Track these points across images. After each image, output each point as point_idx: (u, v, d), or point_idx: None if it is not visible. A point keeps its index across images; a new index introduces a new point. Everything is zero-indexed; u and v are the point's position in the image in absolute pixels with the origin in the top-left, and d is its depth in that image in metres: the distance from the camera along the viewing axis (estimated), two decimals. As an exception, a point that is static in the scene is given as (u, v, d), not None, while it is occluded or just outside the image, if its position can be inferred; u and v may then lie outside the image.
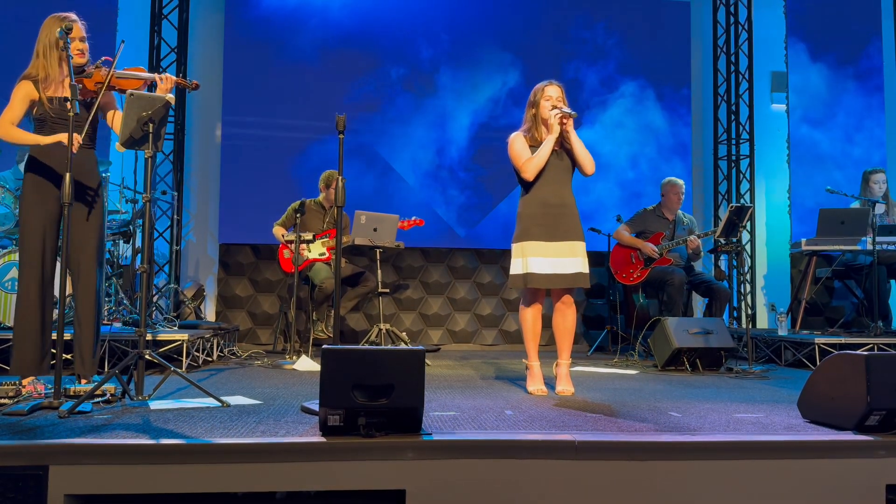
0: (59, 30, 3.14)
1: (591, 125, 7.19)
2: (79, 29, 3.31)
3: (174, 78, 3.37)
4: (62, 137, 3.12)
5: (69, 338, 3.44)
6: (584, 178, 3.75)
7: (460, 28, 7.19)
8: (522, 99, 3.82)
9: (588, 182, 6.88)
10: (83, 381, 3.25)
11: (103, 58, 3.38)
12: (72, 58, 3.07)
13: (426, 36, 7.11)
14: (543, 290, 3.65)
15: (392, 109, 7.05)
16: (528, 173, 3.61)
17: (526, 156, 3.63)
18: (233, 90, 6.86)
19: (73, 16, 3.29)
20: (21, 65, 3.31)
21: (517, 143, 3.68)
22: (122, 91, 3.33)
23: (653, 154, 7.28)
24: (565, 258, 3.53)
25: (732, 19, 7.31)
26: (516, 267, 3.61)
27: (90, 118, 3.30)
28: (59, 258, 3.33)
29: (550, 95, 3.63)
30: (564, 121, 3.56)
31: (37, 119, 3.30)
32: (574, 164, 3.67)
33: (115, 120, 3.42)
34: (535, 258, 3.53)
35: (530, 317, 3.66)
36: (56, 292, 3.40)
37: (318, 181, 5.87)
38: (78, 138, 3.18)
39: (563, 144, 3.65)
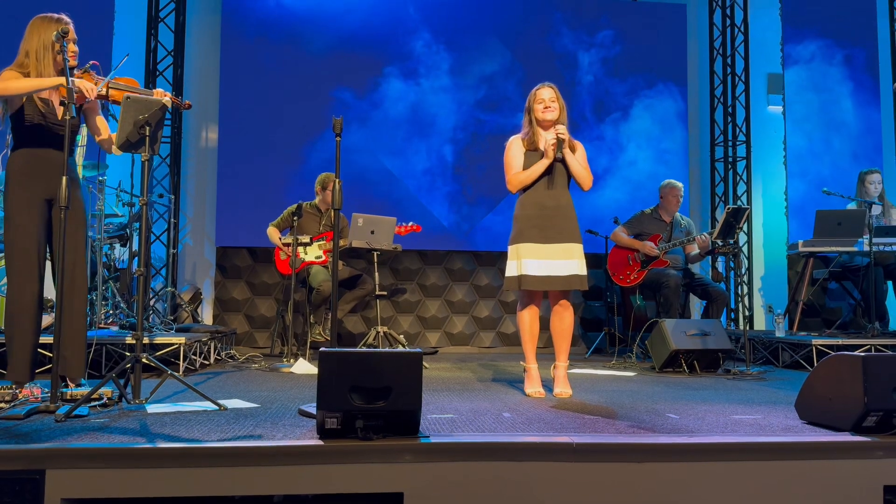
0: (55, 33, 3.12)
1: (586, 128, 7.20)
2: (71, 31, 3.21)
3: (167, 95, 3.35)
4: (60, 80, 3.03)
5: (48, 341, 3.41)
6: (593, 180, 3.74)
7: (457, 29, 7.19)
8: (520, 101, 3.83)
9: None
10: (71, 385, 3.23)
11: (91, 62, 3.34)
12: (68, 61, 3.06)
13: (423, 37, 7.12)
14: (540, 292, 3.65)
15: (389, 110, 7.05)
16: (513, 187, 3.67)
17: (516, 166, 3.65)
18: (229, 93, 6.85)
19: (65, 17, 3.24)
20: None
21: (511, 149, 3.70)
22: (114, 101, 3.31)
23: (648, 156, 7.29)
24: (560, 260, 3.53)
25: (728, 21, 7.33)
26: (511, 269, 3.62)
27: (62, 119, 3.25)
28: (48, 260, 3.30)
29: (543, 98, 3.65)
30: (559, 154, 3.56)
31: (25, 122, 3.19)
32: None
33: (100, 125, 3.41)
34: (529, 260, 3.53)
35: (527, 319, 3.66)
36: (47, 295, 3.40)
37: (315, 184, 5.87)
38: (92, 88, 3.17)
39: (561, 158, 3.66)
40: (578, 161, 3.64)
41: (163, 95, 3.26)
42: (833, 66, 7.29)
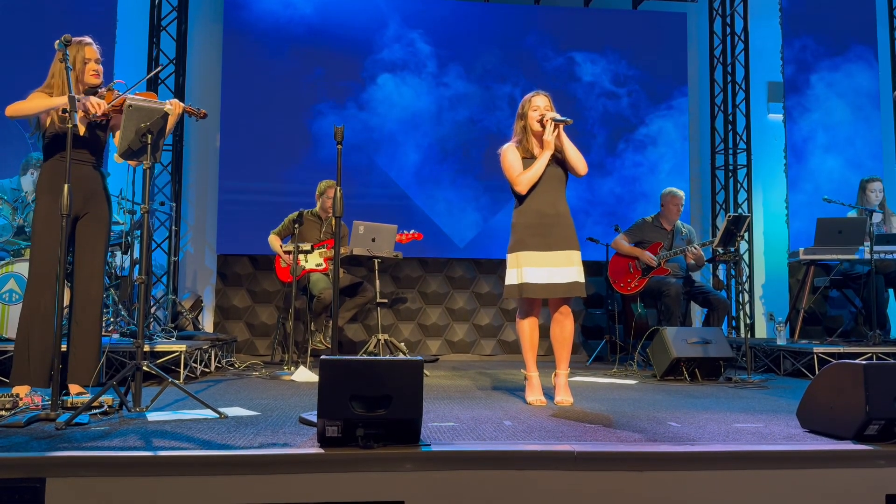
0: (57, 42, 3.15)
1: (587, 136, 7.21)
2: (93, 51, 3.42)
3: (184, 106, 3.41)
4: (65, 100, 3.11)
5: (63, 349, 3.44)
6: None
7: (460, 40, 7.21)
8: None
9: (582, 193, 6.90)
10: (72, 393, 3.24)
11: (116, 80, 3.45)
12: (70, 69, 3.09)
13: (426, 46, 7.13)
14: (540, 300, 3.65)
15: (390, 118, 7.06)
16: (522, 187, 3.62)
17: (518, 168, 3.64)
18: (231, 101, 6.87)
19: (87, 39, 3.42)
20: (18, 75, 3.33)
21: (509, 155, 3.69)
22: None
23: (649, 164, 7.30)
24: (560, 268, 3.53)
25: (729, 30, 7.35)
26: (511, 277, 3.62)
27: (90, 135, 3.34)
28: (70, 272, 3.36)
29: (538, 105, 3.65)
30: (557, 125, 3.57)
31: (46, 136, 3.36)
32: (567, 172, 3.68)
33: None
34: (529, 268, 3.53)
35: (527, 327, 3.66)
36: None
37: (315, 191, 5.88)
38: (99, 104, 3.28)
39: (555, 153, 3.66)
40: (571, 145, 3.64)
41: (178, 106, 3.33)
42: (833, 73, 7.30)
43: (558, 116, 3.60)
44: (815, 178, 7.11)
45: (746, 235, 7.07)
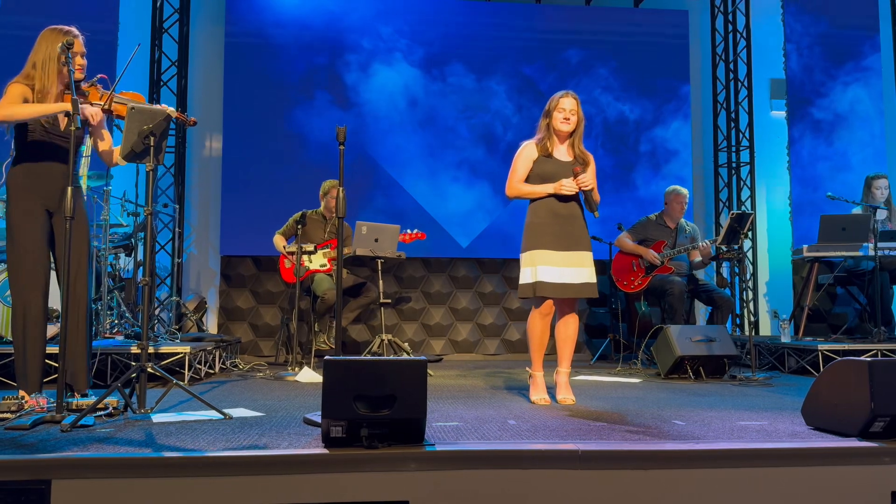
0: (60, 44, 3.11)
1: (587, 136, 7.19)
2: (79, 44, 3.21)
3: (172, 112, 3.33)
4: (66, 106, 3.03)
5: (53, 351, 3.42)
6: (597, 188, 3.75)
7: (462, 35, 7.22)
8: (524, 109, 3.84)
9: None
10: (77, 395, 3.23)
11: (99, 75, 3.33)
12: (73, 72, 3.06)
13: (427, 44, 7.14)
14: (556, 300, 3.64)
15: (393, 117, 7.07)
16: (511, 193, 3.71)
17: (521, 173, 3.67)
18: (233, 102, 6.88)
19: (74, 30, 3.22)
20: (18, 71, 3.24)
21: (522, 154, 3.70)
22: (118, 116, 3.28)
23: (652, 162, 7.29)
24: (575, 268, 3.54)
25: (731, 27, 7.34)
26: (526, 276, 3.61)
27: (66, 131, 3.25)
28: (52, 271, 3.30)
29: (564, 107, 3.66)
30: (582, 188, 3.58)
31: (28, 131, 3.18)
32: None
33: (104, 136, 3.38)
34: (545, 267, 3.52)
35: (539, 326, 3.62)
36: (52, 306, 3.39)
37: (318, 192, 5.88)
38: (99, 113, 3.19)
39: (574, 155, 3.69)
40: (590, 178, 3.64)
41: (172, 113, 3.27)
42: (835, 69, 7.28)
43: (587, 187, 3.58)
44: (819, 173, 7.09)
45: (750, 233, 7.06)
